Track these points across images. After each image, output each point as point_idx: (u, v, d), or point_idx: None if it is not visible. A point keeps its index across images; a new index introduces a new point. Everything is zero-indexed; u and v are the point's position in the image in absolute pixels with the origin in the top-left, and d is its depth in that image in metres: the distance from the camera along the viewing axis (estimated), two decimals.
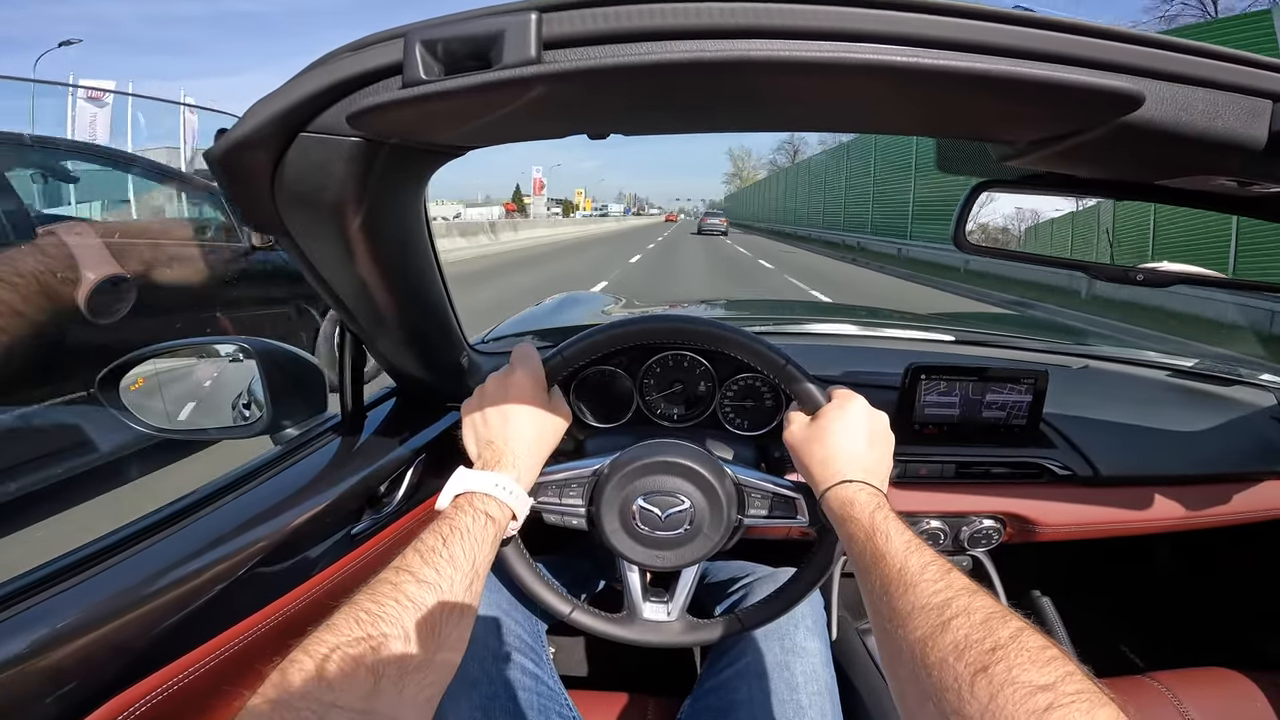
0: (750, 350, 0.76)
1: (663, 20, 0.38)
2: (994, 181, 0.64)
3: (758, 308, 2.40)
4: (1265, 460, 1.05)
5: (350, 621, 0.47)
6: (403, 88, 0.40)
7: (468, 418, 0.71)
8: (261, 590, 0.67)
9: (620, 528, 0.75)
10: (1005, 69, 0.38)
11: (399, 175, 0.52)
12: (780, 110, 0.47)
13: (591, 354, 0.77)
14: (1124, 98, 0.40)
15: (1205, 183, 0.55)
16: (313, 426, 0.86)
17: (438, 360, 0.85)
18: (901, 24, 0.37)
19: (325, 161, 0.46)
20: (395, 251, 0.62)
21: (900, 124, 0.50)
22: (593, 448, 0.89)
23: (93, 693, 0.53)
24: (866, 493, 0.62)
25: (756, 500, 0.77)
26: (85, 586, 0.57)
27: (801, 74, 0.39)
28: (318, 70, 0.42)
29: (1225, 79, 0.41)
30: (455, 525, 0.57)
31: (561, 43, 0.38)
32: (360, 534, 0.78)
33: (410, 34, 0.40)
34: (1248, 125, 0.42)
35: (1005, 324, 2.02)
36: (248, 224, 0.52)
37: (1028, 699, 0.37)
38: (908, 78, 0.38)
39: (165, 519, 0.67)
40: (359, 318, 0.71)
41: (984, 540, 1.04)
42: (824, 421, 0.70)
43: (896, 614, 0.49)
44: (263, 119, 0.43)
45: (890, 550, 0.54)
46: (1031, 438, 1.00)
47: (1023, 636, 0.42)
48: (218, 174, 0.47)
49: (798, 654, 0.85)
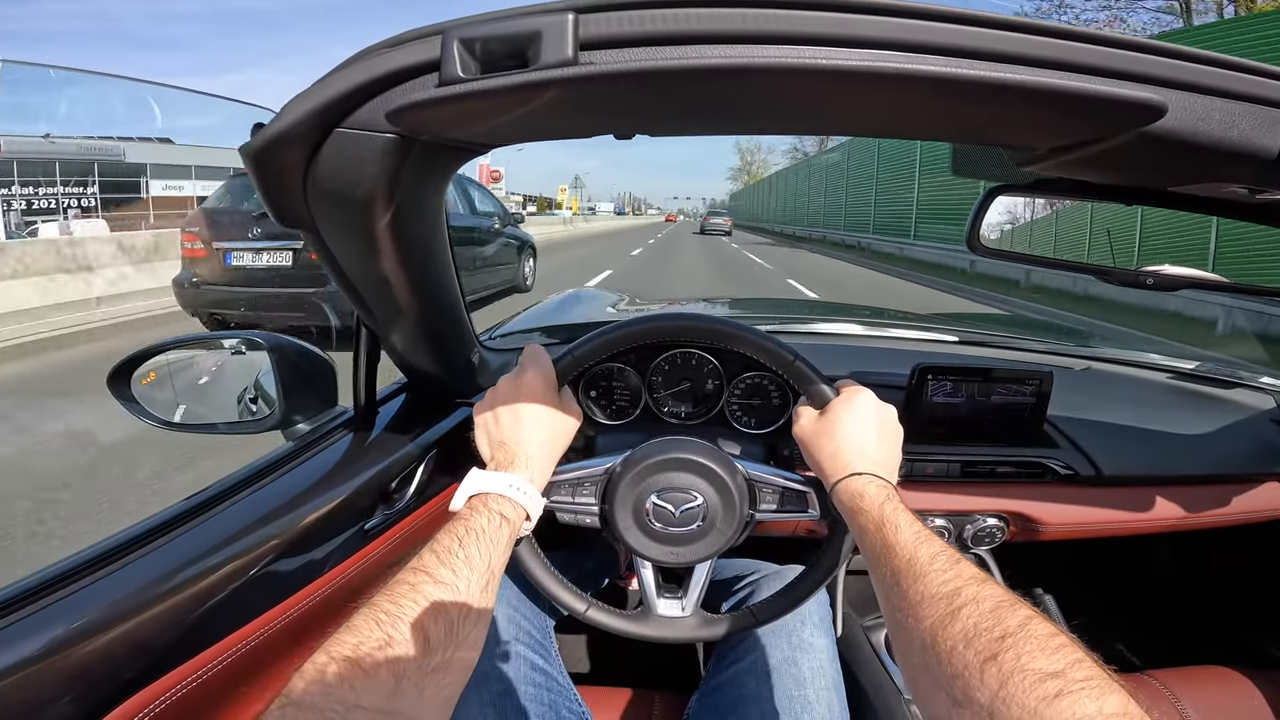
0: (760, 347, 0.76)
1: (699, 25, 0.38)
2: (1009, 186, 0.65)
3: (762, 306, 2.41)
4: (1265, 462, 1.07)
5: (370, 623, 0.47)
6: (439, 85, 0.40)
7: (480, 419, 0.71)
8: (277, 586, 0.67)
9: (634, 525, 0.75)
10: (1034, 79, 0.38)
11: (427, 171, 0.52)
12: (808, 115, 0.47)
13: (602, 354, 0.77)
14: (1148, 108, 0.40)
15: (1216, 189, 0.56)
16: (324, 422, 0.86)
17: (450, 356, 0.86)
18: (935, 34, 0.37)
19: (359, 157, 0.46)
20: (417, 247, 0.62)
21: (925, 130, 0.50)
22: (603, 446, 0.90)
23: (115, 690, 0.53)
24: (876, 485, 0.63)
25: (767, 495, 0.77)
26: (104, 584, 0.57)
27: (833, 81, 0.39)
28: (355, 66, 0.42)
29: (1244, 90, 0.42)
30: (471, 526, 0.58)
31: (598, 44, 0.39)
32: (373, 530, 0.78)
33: (448, 31, 0.40)
34: (1262, 134, 0.43)
35: (1006, 325, 2.03)
36: (277, 218, 0.52)
37: (1037, 685, 0.38)
38: (940, 86, 0.38)
39: (181, 515, 0.67)
40: (376, 313, 0.71)
41: (987, 539, 1.05)
42: (833, 415, 0.70)
43: (907, 603, 0.49)
44: (300, 114, 0.43)
45: (900, 541, 0.54)
46: (1036, 438, 1.01)
47: (1031, 624, 0.42)
48: (251, 168, 0.47)
49: (805, 650, 0.86)
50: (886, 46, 0.37)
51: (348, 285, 0.64)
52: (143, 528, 0.64)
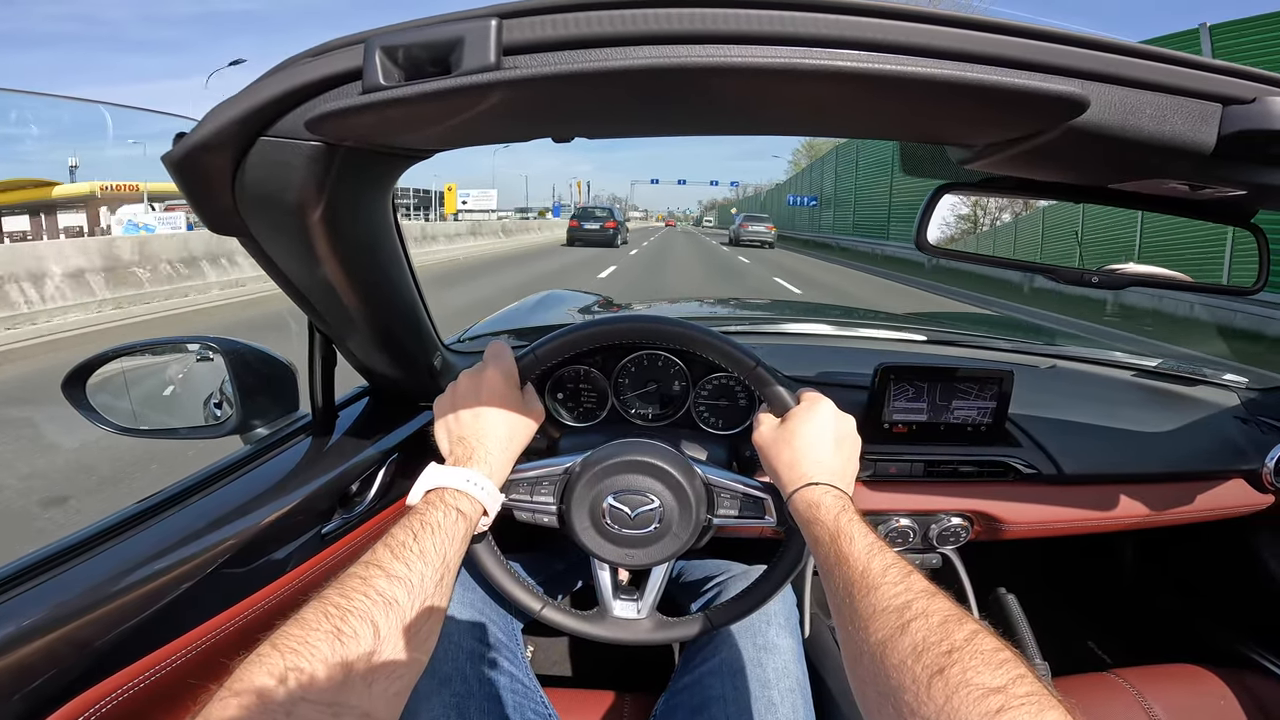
0: (720, 351, 0.76)
1: (622, 26, 0.38)
2: (956, 184, 0.65)
3: (735, 306, 2.41)
4: (1228, 459, 1.07)
5: (319, 615, 0.47)
6: (362, 93, 0.40)
7: (440, 414, 0.71)
8: (230, 589, 0.67)
9: (590, 525, 0.75)
10: (948, 73, 0.38)
11: (361, 178, 0.52)
12: (738, 114, 0.47)
13: (564, 353, 0.77)
14: (1069, 102, 0.40)
15: (1158, 186, 0.57)
16: (283, 426, 0.86)
17: (410, 360, 0.85)
18: (848, 28, 0.37)
19: (285, 164, 0.46)
20: (361, 252, 0.62)
21: (855, 128, 0.51)
22: (566, 446, 0.89)
23: (57, 690, 0.53)
24: (832, 495, 0.63)
25: (726, 500, 0.77)
26: (51, 584, 0.57)
27: (758, 79, 0.39)
28: (278, 75, 0.42)
29: (1172, 82, 0.42)
30: (426, 520, 0.58)
31: (522, 48, 0.39)
32: (331, 534, 0.78)
33: (370, 40, 0.40)
34: (1196, 129, 0.43)
35: (978, 324, 2.04)
36: (209, 225, 0.52)
37: (980, 701, 0.38)
38: (855, 81, 0.38)
39: (132, 517, 0.66)
40: (327, 318, 0.71)
41: (952, 538, 1.05)
42: (792, 424, 0.71)
43: (858, 616, 0.50)
44: (223, 122, 0.43)
45: (853, 553, 0.55)
46: (998, 437, 1.02)
47: (977, 639, 0.43)
48: (175, 176, 0.47)
49: (770, 651, 0.86)
50: (800, 43, 0.37)
51: (293, 290, 0.64)
52: (92, 529, 0.64)
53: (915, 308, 8.74)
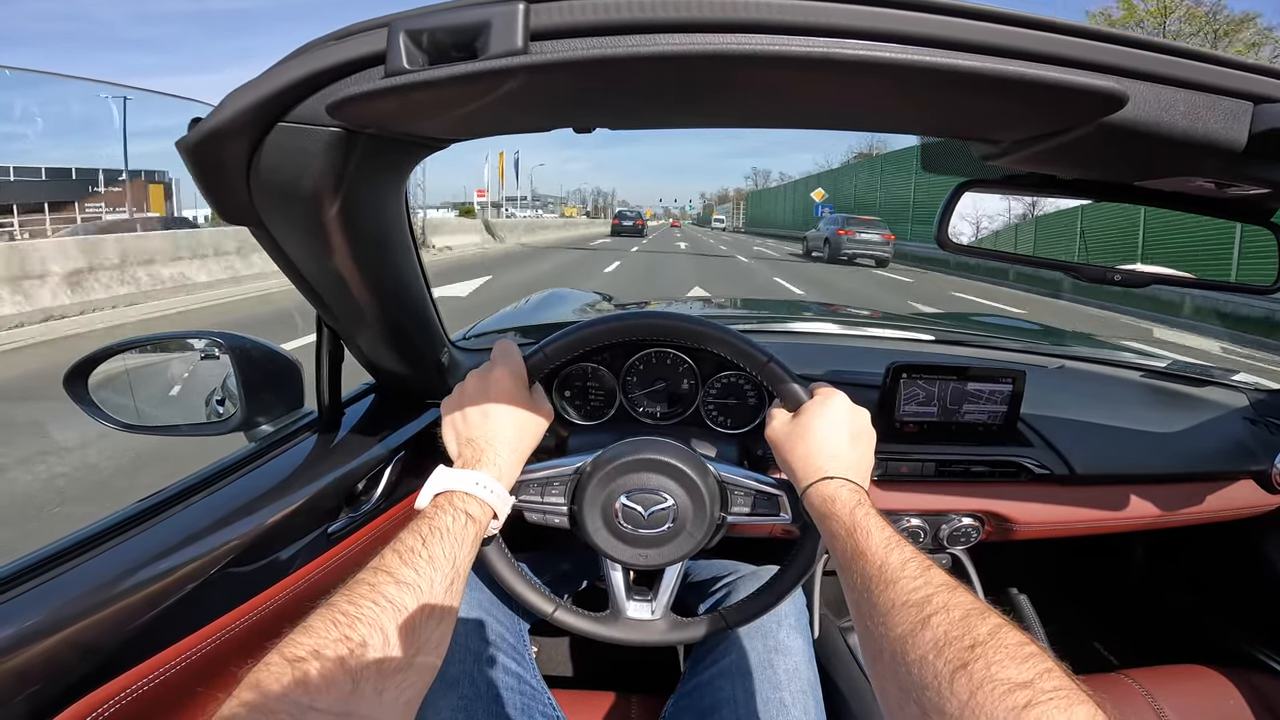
0: (733, 347, 0.75)
1: (652, 13, 0.37)
2: (977, 181, 0.64)
3: (742, 306, 2.41)
4: (1237, 460, 1.07)
5: (327, 623, 0.46)
6: (385, 77, 0.39)
7: (447, 415, 0.70)
8: (235, 590, 0.66)
9: (603, 526, 0.74)
10: (990, 67, 0.38)
11: (378, 167, 0.51)
12: (766, 106, 0.46)
13: (573, 350, 0.76)
14: (1108, 97, 0.40)
15: (1184, 184, 0.56)
16: (288, 423, 0.85)
17: (417, 357, 0.84)
18: (888, 20, 0.37)
19: (303, 151, 0.45)
20: (374, 245, 0.61)
21: (887, 122, 0.50)
22: (575, 446, 0.88)
23: (61, 692, 0.52)
24: (848, 489, 0.62)
25: (739, 497, 0.76)
26: (54, 585, 0.56)
27: (788, 69, 0.38)
28: (299, 59, 0.41)
29: (1207, 80, 0.42)
30: (435, 525, 0.56)
31: (549, 34, 0.38)
32: (337, 533, 0.76)
33: (394, 23, 0.39)
34: (1227, 127, 0.43)
35: (983, 325, 2.04)
36: (220, 214, 0.51)
37: (1006, 696, 0.37)
38: (893, 74, 0.38)
39: (135, 516, 0.65)
40: (336, 312, 0.70)
41: (963, 538, 1.05)
42: (806, 418, 0.70)
43: (877, 611, 0.49)
44: (239, 108, 0.42)
45: (870, 547, 0.54)
46: (1009, 437, 1.01)
47: (1001, 633, 0.42)
48: (189, 163, 0.46)
49: (781, 652, 0.85)
50: (842, 34, 0.37)
51: (303, 283, 0.63)
52: (94, 529, 0.63)
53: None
